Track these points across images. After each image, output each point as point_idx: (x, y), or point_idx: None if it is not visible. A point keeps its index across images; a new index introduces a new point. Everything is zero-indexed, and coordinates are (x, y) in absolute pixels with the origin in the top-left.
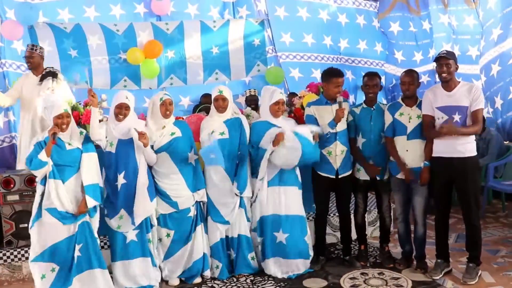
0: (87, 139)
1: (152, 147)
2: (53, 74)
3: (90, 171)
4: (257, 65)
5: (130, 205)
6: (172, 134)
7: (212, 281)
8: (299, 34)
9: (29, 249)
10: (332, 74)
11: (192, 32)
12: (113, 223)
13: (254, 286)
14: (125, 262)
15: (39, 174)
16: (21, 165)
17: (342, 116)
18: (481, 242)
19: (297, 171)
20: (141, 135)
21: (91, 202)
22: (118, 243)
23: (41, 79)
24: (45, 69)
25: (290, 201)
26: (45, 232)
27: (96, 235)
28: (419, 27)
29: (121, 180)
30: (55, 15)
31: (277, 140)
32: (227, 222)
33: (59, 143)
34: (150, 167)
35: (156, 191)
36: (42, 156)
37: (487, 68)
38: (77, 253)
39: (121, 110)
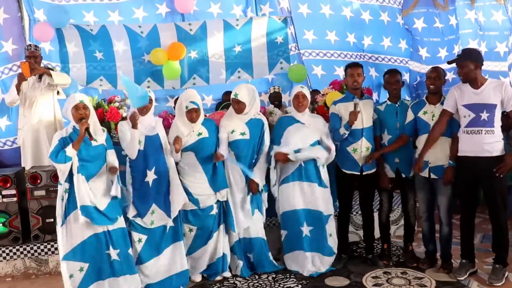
0: (108, 136)
1: None
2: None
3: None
4: (280, 63)
5: (161, 200)
6: (199, 134)
7: (234, 278)
8: (322, 32)
9: (55, 243)
10: (347, 66)
11: (215, 31)
12: (145, 220)
13: (276, 284)
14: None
15: (63, 168)
16: (27, 163)
17: (354, 119)
18: (508, 243)
19: (321, 169)
20: (176, 141)
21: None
22: (155, 238)
23: (40, 76)
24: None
25: (310, 196)
26: (74, 230)
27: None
28: (446, 22)
29: (152, 175)
30: (80, 17)
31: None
32: (234, 230)
33: (84, 139)
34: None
35: None
36: (69, 150)
37: None
38: (114, 257)
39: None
